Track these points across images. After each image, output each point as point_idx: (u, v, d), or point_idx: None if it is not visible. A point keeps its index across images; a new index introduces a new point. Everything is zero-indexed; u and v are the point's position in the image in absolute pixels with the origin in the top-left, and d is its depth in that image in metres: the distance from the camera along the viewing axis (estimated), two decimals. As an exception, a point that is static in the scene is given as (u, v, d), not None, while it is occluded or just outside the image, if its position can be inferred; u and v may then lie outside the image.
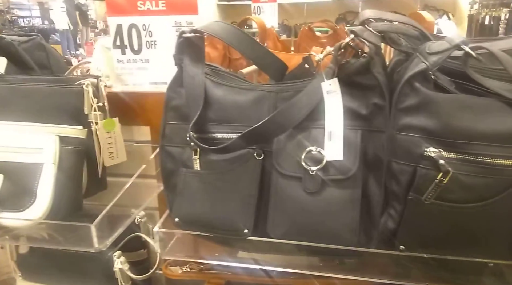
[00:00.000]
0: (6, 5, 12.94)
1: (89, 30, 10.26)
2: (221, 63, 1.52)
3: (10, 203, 0.70)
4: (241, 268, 0.75)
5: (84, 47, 7.99)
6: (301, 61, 0.68)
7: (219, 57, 1.53)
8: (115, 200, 0.75)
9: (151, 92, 0.91)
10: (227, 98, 0.65)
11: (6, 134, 0.74)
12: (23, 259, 0.88)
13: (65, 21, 9.06)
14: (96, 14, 13.39)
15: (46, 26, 11.15)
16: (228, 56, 1.60)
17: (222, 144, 0.61)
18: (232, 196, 0.61)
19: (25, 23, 12.66)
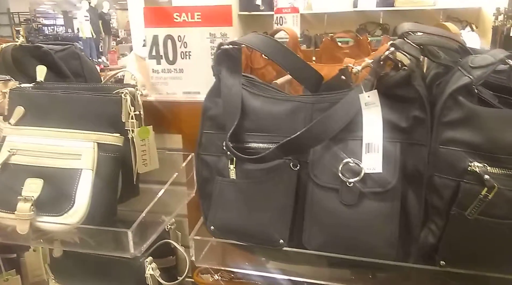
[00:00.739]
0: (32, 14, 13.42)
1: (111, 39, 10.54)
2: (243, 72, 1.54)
3: (49, 207, 0.73)
4: (272, 279, 0.74)
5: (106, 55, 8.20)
6: (332, 72, 0.69)
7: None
8: (150, 207, 0.76)
9: (184, 102, 0.93)
10: (263, 109, 0.66)
11: (47, 140, 0.77)
12: (57, 263, 0.90)
13: (89, 29, 9.34)
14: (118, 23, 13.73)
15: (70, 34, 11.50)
16: (250, 65, 1.61)
17: (257, 154, 0.62)
18: (268, 206, 0.62)
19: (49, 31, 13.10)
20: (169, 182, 0.84)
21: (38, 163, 0.75)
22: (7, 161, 0.76)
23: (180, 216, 1.00)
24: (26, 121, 0.79)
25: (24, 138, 0.78)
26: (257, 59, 1.33)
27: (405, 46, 0.58)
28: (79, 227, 0.72)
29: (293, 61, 0.66)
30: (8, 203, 0.73)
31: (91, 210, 0.73)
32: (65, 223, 0.72)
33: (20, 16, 12.16)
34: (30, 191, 0.73)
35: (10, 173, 0.76)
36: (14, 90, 0.82)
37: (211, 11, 0.86)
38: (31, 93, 0.82)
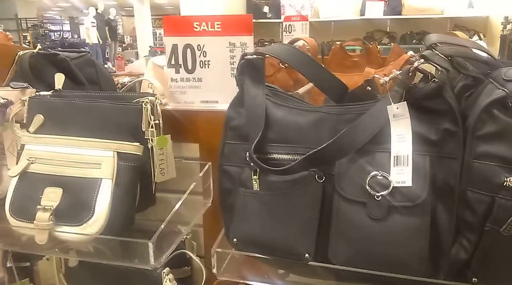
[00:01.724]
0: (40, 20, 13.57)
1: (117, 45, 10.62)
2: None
3: (68, 217, 0.72)
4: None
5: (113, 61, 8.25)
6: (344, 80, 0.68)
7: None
8: (169, 217, 0.76)
9: (202, 110, 0.92)
10: (287, 120, 0.65)
11: (66, 149, 0.76)
12: (72, 272, 0.89)
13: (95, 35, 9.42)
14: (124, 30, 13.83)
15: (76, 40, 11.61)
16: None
17: (280, 165, 0.61)
18: (293, 219, 0.61)
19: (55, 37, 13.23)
20: (188, 191, 0.83)
21: (57, 171, 0.74)
22: (26, 169, 0.75)
23: (195, 226, 0.99)
24: (45, 130, 0.79)
25: (43, 147, 0.77)
26: (267, 67, 1.33)
27: (435, 58, 0.57)
28: (98, 237, 0.71)
29: (318, 72, 0.66)
30: (27, 212, 0.72)
31: (110, 220, 0.73)
32: (84, 233, 0.71)
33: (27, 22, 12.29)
34: (49, 200, 0.72)
35: (29, 182, 0.75)
36: (33, 98, 0.82)
37: (231, 20, 0.86)
38: (50, 101, 0.81)
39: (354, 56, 2.16)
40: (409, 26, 4.72)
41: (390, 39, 4.68)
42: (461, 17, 4.36)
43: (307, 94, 0.92)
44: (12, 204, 0.74)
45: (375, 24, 4.76)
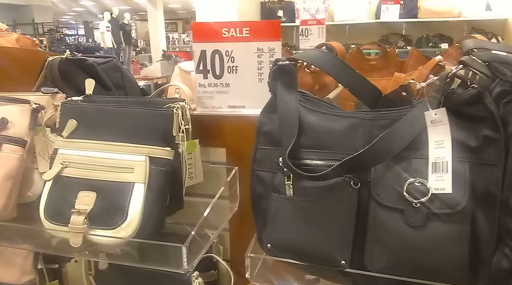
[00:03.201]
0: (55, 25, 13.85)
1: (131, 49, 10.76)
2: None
3: (102, 221, 0.73)
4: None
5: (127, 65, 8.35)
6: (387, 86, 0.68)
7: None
8: (200, 221, 0.76)
9: (229, 115, 0.93)
10: (321, 125, 0.65)
11: (99, 153, 0.77)
12: (102, 275, 0.90)
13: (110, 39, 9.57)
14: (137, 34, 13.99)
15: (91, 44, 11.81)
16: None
17: (314, 171, 0.61)
18: (328, 225, 0.61)
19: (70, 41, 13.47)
20: (217, 197, 0.84)
21: (90, 175, 0.76)
22: (60, 173, 0.77)
23: (221, 230, 0.99)
24: (78, 134, 0.80)
25: (77, 151, 0.78)
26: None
27: (474, 64, 0.56)
28: (131, 240, 0.72)
29: (352, 77, 0.66)
30: (62, 215, 0.74)
31: (143, 224, 0.73)
32: (118, 236, 0.72)
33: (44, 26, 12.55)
34: (83, 204, 0.73)
35: (63, 186, 0.76)
36: (66, 103, 0.84)
37: (259, 26, 0.87)
38: (83, 106, 0.83)
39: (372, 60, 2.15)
40: (425, 29, 4.68)
41: (406, 42, 4.64)
42: (479, 20, 4.30)
43: (335, 100, 0.92)
44: (47, 208, 0.76)
45: (390, 27, 4.73)
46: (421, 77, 0.90)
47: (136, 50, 11.50)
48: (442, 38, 4.70)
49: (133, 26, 12.56)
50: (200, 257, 0.75)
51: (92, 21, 15.21)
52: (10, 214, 0.88)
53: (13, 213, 0.88)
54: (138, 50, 11.49)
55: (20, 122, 0.89)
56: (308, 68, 1.04)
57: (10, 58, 1.18)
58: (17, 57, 1.20)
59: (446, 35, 4.69)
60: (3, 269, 0.92)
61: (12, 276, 0.93)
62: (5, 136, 0.87)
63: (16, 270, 0.93)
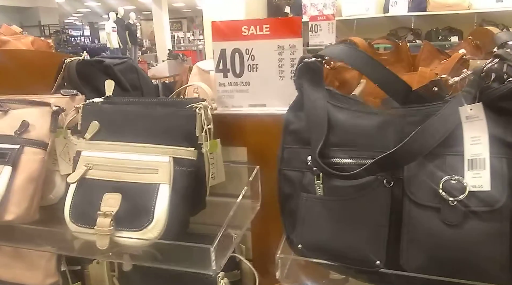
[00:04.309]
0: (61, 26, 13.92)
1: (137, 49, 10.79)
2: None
3: (128, 222, 0.72)
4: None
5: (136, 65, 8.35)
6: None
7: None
8: (226, 221, 0.75)
9: (249, 114, 0.92)
10: (350, 123, 0.64)
11: (123, 154, 0.77)
12: (126, 277, 0.90)
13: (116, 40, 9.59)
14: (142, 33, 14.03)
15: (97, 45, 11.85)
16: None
17: (343, 169, 0.60)
18: (361, 225, 0.60)
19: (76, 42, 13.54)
20: (241, 197, 0.83)
21: (115, 177, 0.75)
22: (84, 175, 0.77)
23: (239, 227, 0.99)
24: (101, 136, 0.80)
25: (100, 153, 0.78)
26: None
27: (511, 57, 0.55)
28: (158, 242, 0.71)
29: (381, 72, 0.64)
30: (88, 218, 0.73)
31: (168, 225, 0.73)
32: (144, 238, 0.72)
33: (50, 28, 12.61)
34: (109, 206, 0.73)
35: (87, 188, 0.76)
36: (87, 105, 0.83)
37: (280, 23, 0.86)
38: (104, 108, 0.83)
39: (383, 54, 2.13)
40: (435, 23, 4.62)
41: (415, 36, 4.59)
42: (489, 12, 4.23)
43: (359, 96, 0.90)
44: (72, 210, 0.75)
45: (399, 21, 4.68)
46: (445, 71, 0.88)
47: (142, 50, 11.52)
48: (451, 31, 4.64)
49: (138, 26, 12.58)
50: (227, 257, 0.74)
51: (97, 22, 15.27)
52: (33, 217, 0.88)
53: (35, 215, 0.88)
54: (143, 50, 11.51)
55: (41, 125, 0.89)
56: (327, 64, 1.02)
57: (27, 61, 1.19)
58: (33, 60, 1.21)
59: (456, 28, 4.63)
60: (27, 272, 0.92)
61: (36, 278, 0.93)
62: (26, 139, 0.87)
63: (40, 272, 0.93)
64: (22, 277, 0.92)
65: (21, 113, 0.90)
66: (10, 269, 0.93)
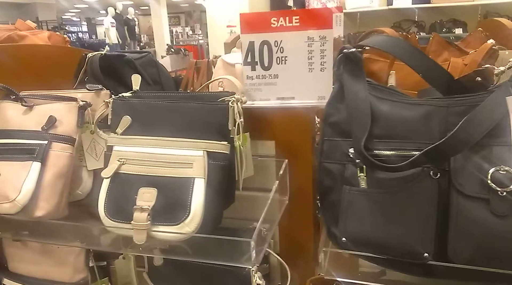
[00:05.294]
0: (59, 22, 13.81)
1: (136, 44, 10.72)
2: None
3: (164, 217, 0.72)
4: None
5: (134, 60, 8.28)
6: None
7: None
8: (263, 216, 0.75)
9: (278, 107, 0.91)
10: (394, 114, 0.63)
11: (156, 149, 0.76)
12: (157, 271, 0.90)
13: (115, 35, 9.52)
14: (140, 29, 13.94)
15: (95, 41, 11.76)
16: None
17: (386, 161, 0.60)
18: (408, 217, 0.59)
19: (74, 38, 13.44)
20: (273, 191, 0.83)
21: (149, 172, 0.75)
22: (118, 170, 0.76)
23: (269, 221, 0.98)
24: (133, 131, 0.79)
25: (133, 148, 0.77)
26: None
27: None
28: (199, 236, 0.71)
29: (424, 61, 0.64)
30: (124, 213, 0.73)
31: (204, 219, 0.73)
32: (181, 232, 0.71)
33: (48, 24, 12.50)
34: (145, 201, 0.73)
35: (122, 183, 0.76)
36: (117, 100, 0.83)
37: (310, 14, 0.85)
38: (135, 102, 0.82)
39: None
40: (439, 15, 4.59)
41: (419, 29, 4.57)
42: (493, 3, 4.20)
43: (391, 87, 0.90)
44: (107, 205, 0.75)
45: (403, 14, 4.64)
46: (475, 63, 0.88)
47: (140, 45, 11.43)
48: (456, 23, 4.61)
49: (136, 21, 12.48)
50: (263, 251, 0.74)
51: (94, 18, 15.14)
52: (62, 213, 0.87)
53: (65, 211, 0.88)
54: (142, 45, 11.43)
55: (68, 120, 0.88)
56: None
57: (45, 56, 1.17)
58: (51, 55, 1.19)
59: (460, 20, 4.60)
60: (56, 268, 0.92)
61: (65, 274, 0.92)
62: (54, 134, 0.87)
63: (69, 268, 0.92)
64: (51, 274, 0.92)
65: (47, 109, 0.89)
66: (39, 266, 0.92)
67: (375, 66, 0.95)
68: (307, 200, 0.93)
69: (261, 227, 0.85)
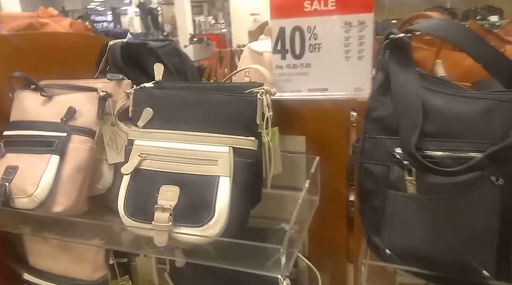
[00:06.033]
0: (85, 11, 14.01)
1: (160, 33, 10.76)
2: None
3: (187, 218, 0.67)
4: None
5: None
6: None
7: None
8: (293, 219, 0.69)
9: (309, 100, 0.84)
10: (448, 109, 0.55)
11: (179, 144, 0.71)
12: (179, 273, 0.86)
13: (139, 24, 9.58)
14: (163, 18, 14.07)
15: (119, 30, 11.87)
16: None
17: (439, 164, 0.52)
18: (465, 228, 0.52)
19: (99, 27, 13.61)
20: (304, 190, 0.76)
21: (172, 168, 0.69)
22: (138, 166, 0.71)
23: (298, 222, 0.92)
24: (154, 124, 0.74)
25: (155, 142, 0.72)
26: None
27: None
28: (225, 240, 0.65)
29: (486, 50, 0.55)
30: (144, 212, 0.68)
31: (229, 221, 0.67)
32: (205, 235, 0.66)
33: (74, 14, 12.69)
34: (166, 200, 0.67)
35: (142, 180, 0.71)
36: (139, 90, 0.77)
37: (348, -4, 0.76)
38: (158, 93, 0.76)
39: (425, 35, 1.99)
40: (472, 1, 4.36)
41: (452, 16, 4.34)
42: (534, -12, 3.94)
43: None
44: (127, 204, 0.70)
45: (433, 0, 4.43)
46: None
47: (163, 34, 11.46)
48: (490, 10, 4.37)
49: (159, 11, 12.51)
50: (294, 258, 0.68)
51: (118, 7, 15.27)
52: (82, 208, 0.84)
53: (84, 206, 0.84)
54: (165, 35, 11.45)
55: (88, 112, 0.84)
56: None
57: (66, 44, 1.13)
58: (72, 43, 1.15)
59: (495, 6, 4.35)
60: (75, 265, 0.89)
61: (85, 271, 0.89)
62: (73, 126, 0.83)
63: (89, 266, 0.89)
64: (70, 270, 0.89)
65: (67, 99, 0.85)
66: (58, 262, 0.90)
67: (417, 55, 0.86)
68: (340, 201, 0.86)
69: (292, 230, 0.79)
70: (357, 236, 0.87)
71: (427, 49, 0.86)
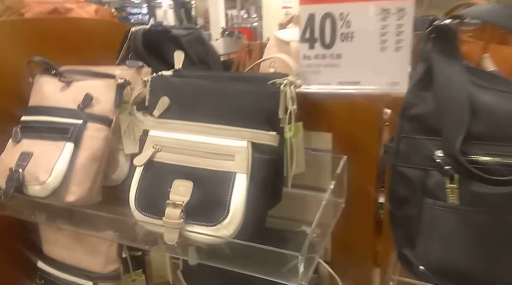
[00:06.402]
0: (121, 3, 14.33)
1: (193, 27, 10.84)
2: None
3: (200, 216, 0.62)
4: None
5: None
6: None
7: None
8: (315, 223, 0.63)
9: (338, 94, 0.77)
10: (501, 108, 0.47)
11: (195, 136, 0.66)
12: (192, 271, 0.82)
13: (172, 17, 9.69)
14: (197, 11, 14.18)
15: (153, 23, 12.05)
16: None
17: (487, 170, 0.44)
18: (516, 247, 0.44)
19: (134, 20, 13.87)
20: (329, 192, 0.70)
21: (186, 162, 0.65)
22: (152, 158, 0.67)
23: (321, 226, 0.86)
24: (171, 114, 0.69)
25: (170, 133, 0.68)
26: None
27: None
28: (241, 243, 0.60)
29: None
30: (155, 207, 0.64)
31: (245, 221, 0.62)
32: (218, 235, 0.61)
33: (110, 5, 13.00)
34: (179, 195, 0.63)
35: (155, 173, 0.67)
36: (156, 78, 0.73)
37: (387, -20, 0.69)
38: (176, 82, 0.72)
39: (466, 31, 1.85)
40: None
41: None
42: None
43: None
44: (138, 197, 0.66)
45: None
46: None
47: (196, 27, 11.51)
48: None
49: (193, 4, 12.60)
50: (314, 265, 0.62)
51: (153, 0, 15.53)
52: (96, 198, 0.81)
53: (98, 197, 0.82)
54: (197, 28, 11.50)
55: (105, 99, 0.81)
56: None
57: (90, 30, 1.12)
58: (96, 29, 1.13)
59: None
60: (88, 256, 0.87)
61: (96, 264, 0.87)
62: (90, 114, 0.80)
63: (101, 258, 0.87)
64: (83, 261, 0.87)
65: (84, 86, 0.83)
66: (71, 252, 0.88)
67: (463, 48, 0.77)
68: (368, 205, 0.79)
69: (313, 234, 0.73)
70: (385, 242, 0.79)
71: (473, 42, 0.77)
